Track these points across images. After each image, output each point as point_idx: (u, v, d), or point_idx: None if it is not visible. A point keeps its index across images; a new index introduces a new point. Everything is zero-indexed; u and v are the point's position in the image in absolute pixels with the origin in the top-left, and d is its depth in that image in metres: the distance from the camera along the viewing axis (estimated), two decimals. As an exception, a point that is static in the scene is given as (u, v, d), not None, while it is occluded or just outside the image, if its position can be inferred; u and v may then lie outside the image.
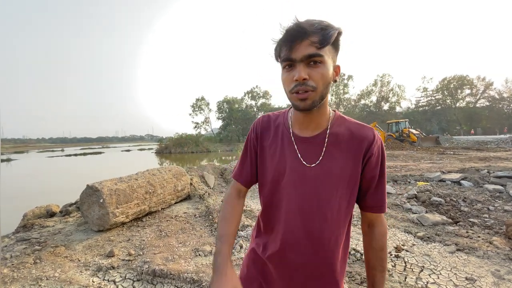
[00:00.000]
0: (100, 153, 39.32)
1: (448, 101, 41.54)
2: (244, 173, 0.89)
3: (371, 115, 41.40)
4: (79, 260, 2.68)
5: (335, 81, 0.72)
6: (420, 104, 44.20)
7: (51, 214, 4.41)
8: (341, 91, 43.72)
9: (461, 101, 41.19)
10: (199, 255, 2.74)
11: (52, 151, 49.67)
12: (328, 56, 0.66)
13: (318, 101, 0.69)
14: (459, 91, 40.44)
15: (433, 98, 43.02)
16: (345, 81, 43.31)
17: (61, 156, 33.65)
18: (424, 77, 42.69)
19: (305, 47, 0.64)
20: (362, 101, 44.05)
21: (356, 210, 0.85)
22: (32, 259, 2.66)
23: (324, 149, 0.75)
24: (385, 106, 43.32)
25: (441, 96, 41.94)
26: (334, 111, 0.81)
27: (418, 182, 5.72)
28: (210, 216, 3.90)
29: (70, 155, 34.22)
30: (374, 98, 43.70)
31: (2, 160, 26.87)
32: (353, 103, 44.44)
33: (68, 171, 17.50)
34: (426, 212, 3.92)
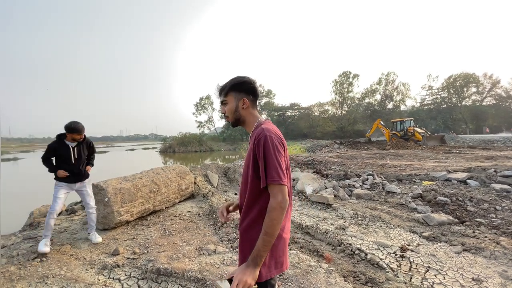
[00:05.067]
0: (104, 152, 39.62)
1: (454, 99, 40.85)
2: None
3: (375, 113, 40.98)
4: (84, 258, 2.71)
5: (244, 108, 1.18)
6: (425, 102, 43.61)
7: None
8: (345, 90, 43.40)
9: (467, 99, 40.51)
10: (203, 253, 2.74)
11: (58, 150, 50.02)
12: (231, 99, 1.19)
13: (235, 122, 1.22)
14: (465, 89, 39.77)
15: (438, 96, 42.38)
16: (350, 80, 42.96)
17: (67, 155, 33.89)
18: (429, 75, 41.99)
19: (221, 97, 1.23)
20: (367, 100, 43.64)
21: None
22: (39, 257, 2.69)
23: (249, 143, 1.18)
24: (390, 105, 42.88)
25: (447, 94, 41.31)
26: (265, 121, 1.18)
27: (423, 182, 5.66)
28: (214, 215, 3.91)
29: (75, 154, 34.47)
30: (378, 96, 43.30)
31: (9, 159, 27.24)
32: (357, 101, 44.05)
33: (73, 170, 17.64)
34: (432, 211, 3.87)
